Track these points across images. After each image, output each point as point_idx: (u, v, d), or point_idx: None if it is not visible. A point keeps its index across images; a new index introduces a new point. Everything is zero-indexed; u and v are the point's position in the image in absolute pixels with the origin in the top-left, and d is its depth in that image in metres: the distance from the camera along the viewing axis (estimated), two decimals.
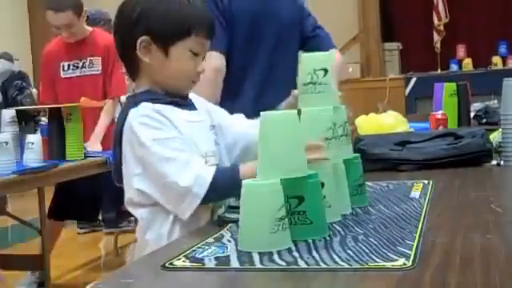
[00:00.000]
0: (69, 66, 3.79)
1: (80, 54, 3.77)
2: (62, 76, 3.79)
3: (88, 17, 4.28)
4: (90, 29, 3.87)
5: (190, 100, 1.67)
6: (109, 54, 3.77)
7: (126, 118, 1.54)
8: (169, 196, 1.48)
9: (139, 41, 1.54)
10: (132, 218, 4.61)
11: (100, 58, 3.77)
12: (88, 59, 3.78)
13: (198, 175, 1.45)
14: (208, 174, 1.45)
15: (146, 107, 1.53)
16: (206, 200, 1.45)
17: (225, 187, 1.45)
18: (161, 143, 1.48)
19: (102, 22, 4.42)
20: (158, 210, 1.52)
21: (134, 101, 1.57)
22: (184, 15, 1.56)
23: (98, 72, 3.78)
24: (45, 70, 3.90)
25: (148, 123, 1.50)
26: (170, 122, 1.52)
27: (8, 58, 5.67)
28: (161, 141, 1.48)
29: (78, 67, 3.78)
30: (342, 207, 1.39)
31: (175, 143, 1.49)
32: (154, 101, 1.55)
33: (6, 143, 2.84)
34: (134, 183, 1.51)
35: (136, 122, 1.51)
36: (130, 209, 1.57)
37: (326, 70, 1.40)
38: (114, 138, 1.59)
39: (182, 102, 1.61)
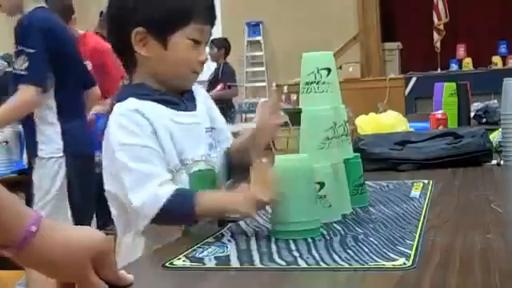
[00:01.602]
0: None
1: None
2: None
3: (102, 12, 4.28)
4: (80, 32, 3.86)
5: (192, 98, 1.56)
6: (101, 56, 3.77)
7: (111, 111, 1.45)
8: (128, 207, 1.39)
9: (134, 33, 1.44)
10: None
11: (89, 62, 3.76)
12: None
13: (151, 194, 1.33)
14: (163, 196, 1.33)
15: (128, 105, 1.42)
16: (157, 221, 1.35)
17: (176, 214, 1.35)
18: (127, 149, 1.37)
19: None
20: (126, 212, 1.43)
21: (122, 94, 1.48)
22: (181, 2, 1.45)
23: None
24: None
25: (122, 124, 1.40)
26: (150, 123, 1.40)
27: (5, 58, 5.66)
28: (128, 146, 1.38)
29: None
30: (343, 207, 1.40)
31: (142, 152, 1.37)
32: (142, 96, 1.45)
33: (6, 142, 2.85)
34: (105, 182, 1.44)
35: (113, 120, 1.42)
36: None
37: (329, 70, 1.39)
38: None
39: (175, 100, 1.50)
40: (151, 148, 1.39)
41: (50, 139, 2.77)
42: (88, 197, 2.87)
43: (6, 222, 0.83)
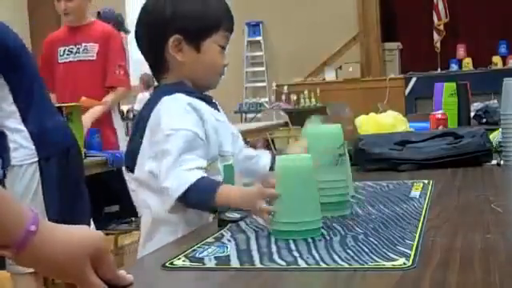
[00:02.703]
0: (64, 50, 3.81)
1: (76, 39, 3.78)
2: (59, 61, 3.80)
3: (99, 13, 4.28)
4: (92, 19, 3.88)
5: (213, 102, 1.70)
6: (107, 40, 3.78)
7: (155, 104, 1.55)
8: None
9: (172, 40, 1.58)
10: (119, 220, 4.59)
11: (97, 45, 3.77)
12: (83, 45, 3.78)
13: (180, 177, 1.44)
14: (189, 179, 1.43)
15: (180, 97, 1.56)
16: (183, 203, 1.45)
17: (198, 200, 1.44)
18: (175, 134, 1.48)
19: (111, 23, 4.40)
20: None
21: (168, 89, 1.60)
22: (212, 12, 1.62)
23: (93, 58, 3.77)
24: (42, 56, 3.89)
25: (176, 112, 1.53)
26: (200, 116, 1.54)
27: None
28: (176, 131, 1.49)
29: (72, 52, 3.79)
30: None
31: (188, 136, 1.49)
32: (188, 93, 1.58)
33: None
34: (146, 166, 1.54)
35: (165, 108, 1.53)
36: (141, 193, 1.59)
37: None
38: (137, 123, 1.61)
39: (210, 100, 1.66)
40: (197, 135, 1.51)
41: (20, 145, 2.76)
42: (72, 194, 2.85)
43: (7, 222, 0.84)
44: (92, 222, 2.99)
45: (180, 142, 1.48)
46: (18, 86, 2.73)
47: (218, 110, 1.69)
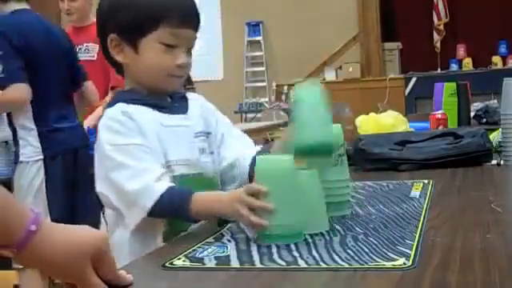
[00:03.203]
0: None
1: (78, 40, 3.82)
2: None
3: None
4: (94, 19, 3.92)
5: (184, 103, 1.57)
6: None
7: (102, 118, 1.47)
8: (121, 202, 1.40)
9: (109, 40, 1.47)
10: None
11: (97, 45, 3.80)
12: (84, 45, 3.82)
13: (147, 185, 1.34)
14: (158, 188, 1.34)
15: (116, 109, 1.44)
16: (152, 214, 1.35)
17: (170, 209, 1.35)
18: (118, 149, 1.39)
19: None
20: (120, 214, 1.43)
21: (113, 100, 1.50)
22: (149, 6, 1.45)
23: (94, 58, 3.80)
24: None
25: (111, 126, 1.42)
26: (138, 125, 1.42)
27: None
28: (118, 146, 1.39)
29: None
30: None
31: (133, 151, 1.39)
32: (132, 101, 1.47)
33: (6, 143, 2.85)
34: (97, 185, 1.44)
35: (102, 125, 1.44)
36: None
37: None
38: None
39: (163, 103, 1.51)
40: (143, 146, 1.41)
41: (28, 143, 2.78)
42: (80, 194, 2.85)
43: (7, 222, 0.84)
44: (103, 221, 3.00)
45: (127, 155, 1.38)
46: (32, 87, 2.76)
47: (184, 112, 1.54)
